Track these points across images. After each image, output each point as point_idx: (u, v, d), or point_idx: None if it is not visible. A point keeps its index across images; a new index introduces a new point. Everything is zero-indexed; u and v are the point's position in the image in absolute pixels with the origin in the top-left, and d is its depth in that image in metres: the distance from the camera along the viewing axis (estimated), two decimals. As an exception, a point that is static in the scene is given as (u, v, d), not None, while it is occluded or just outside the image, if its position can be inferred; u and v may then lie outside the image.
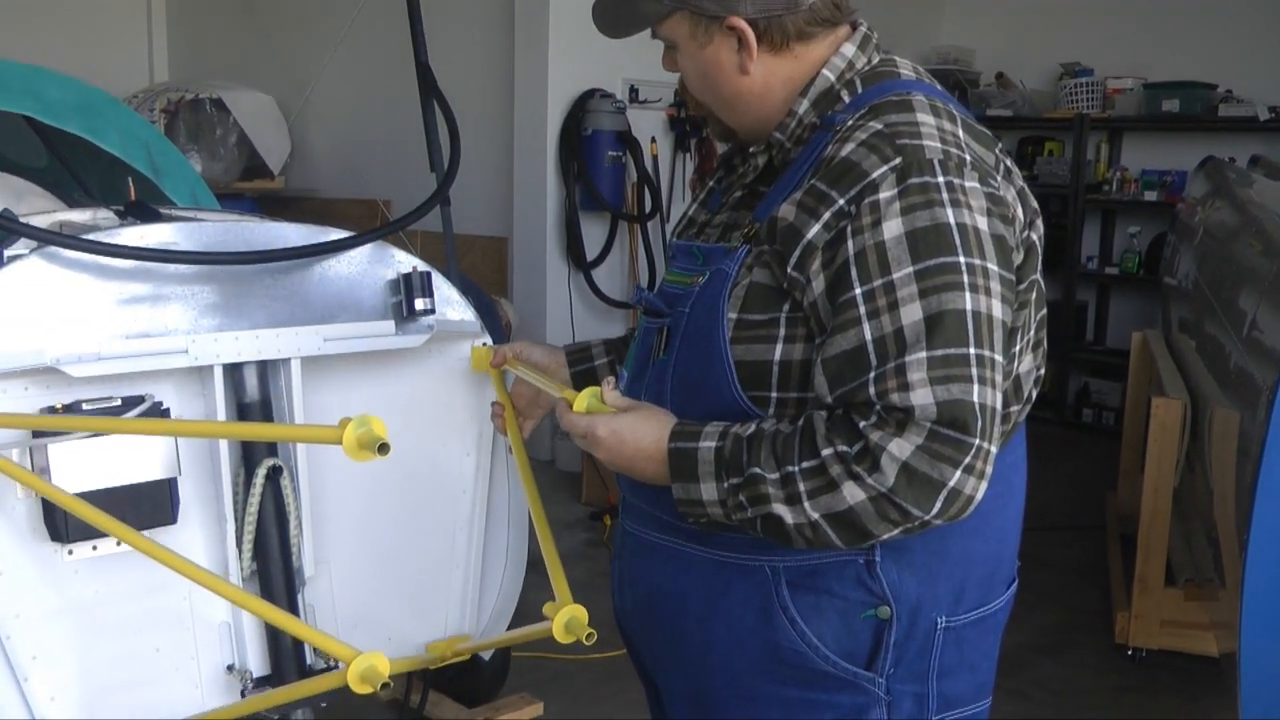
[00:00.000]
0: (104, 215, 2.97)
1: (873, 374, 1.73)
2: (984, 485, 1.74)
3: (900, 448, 1.70)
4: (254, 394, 2.56)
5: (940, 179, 1.77)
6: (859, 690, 1.94)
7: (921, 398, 1.70)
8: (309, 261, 2.69)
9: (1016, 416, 1.99)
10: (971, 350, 1.72)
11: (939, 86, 1.99)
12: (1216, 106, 8.19)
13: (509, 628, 3.11)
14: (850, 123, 1.87)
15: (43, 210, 3.14)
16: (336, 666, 2.63)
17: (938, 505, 1.72)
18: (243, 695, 2.53)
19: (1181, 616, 4.80)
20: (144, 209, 2.95)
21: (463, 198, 3.35)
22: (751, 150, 2.05)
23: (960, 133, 1.86)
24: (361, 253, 2.76)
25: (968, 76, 9.32)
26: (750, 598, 1.95)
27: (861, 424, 1.72)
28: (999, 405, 1.75)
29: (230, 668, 2.58)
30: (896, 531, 1.75)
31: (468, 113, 3.46)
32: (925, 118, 1.84)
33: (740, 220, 2.02)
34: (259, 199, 8.74)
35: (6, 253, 2.64)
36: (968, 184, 1.79)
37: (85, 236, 2.48)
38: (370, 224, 4.45)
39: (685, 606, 2.02)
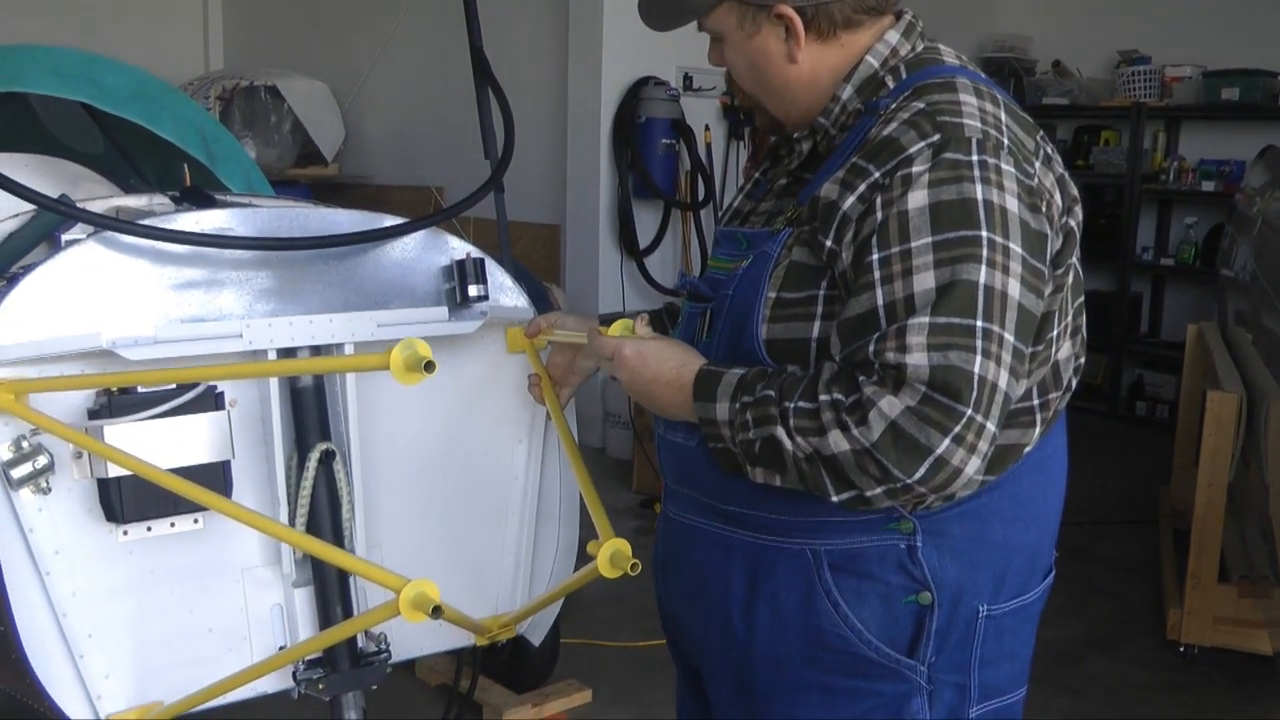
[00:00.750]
0: (160, 201, 2.99)
1: (875, 334, 1.73)
2: (975, 460, 1.71)
3: (890, 405, 1.69)
4: (308, 378, 2.57)
5: (975, 157, 1.77)
6: (901, 679, 1.95)
7: (916, 359, 1.69)
8: (363, 247, 2.71)
9: (1056, 404, 1.98)
10: (979, 323, 1.71)
11: (982, 74, 1.99)
12: (1277, 95, 8.07)
13: (558, 617, 3.12)
14: (894, 105, 1.88)
15: (99, 196, 3.17)
16: (385, 652, 2.65)
17: (921, 471, 1.70)
18: (295, 678, 2.55)
19: (1235, 614, 4.76)
20: (199, 195, 2.97)
21: (516, 185, 3.35)
22: (796, 137, 2.06)
23: (1002, 115, 1.86)
24: (415, 239, 2.77)
25: (1024, 64, 9.24)
26: (793, 580, 1.96)
27: (860, 378, 1.73)
28: (1003, 383, 1.72)
29: (282, 649, 2.59)
30: (879, 490, 1.74)
31: (521, 100, 3.46)
32: (968, 98, 1.85)
33: (784, 207, 2.04)
34: (313, 185, 8.79)
35: (64, 237, 2.67)
36: (1003, 166, 1.78)
37: (141, 221, 2.50)
38: (423, 211, 4.47)
39: (729, 591, 2.03)
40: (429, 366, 2.00)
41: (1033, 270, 1.78)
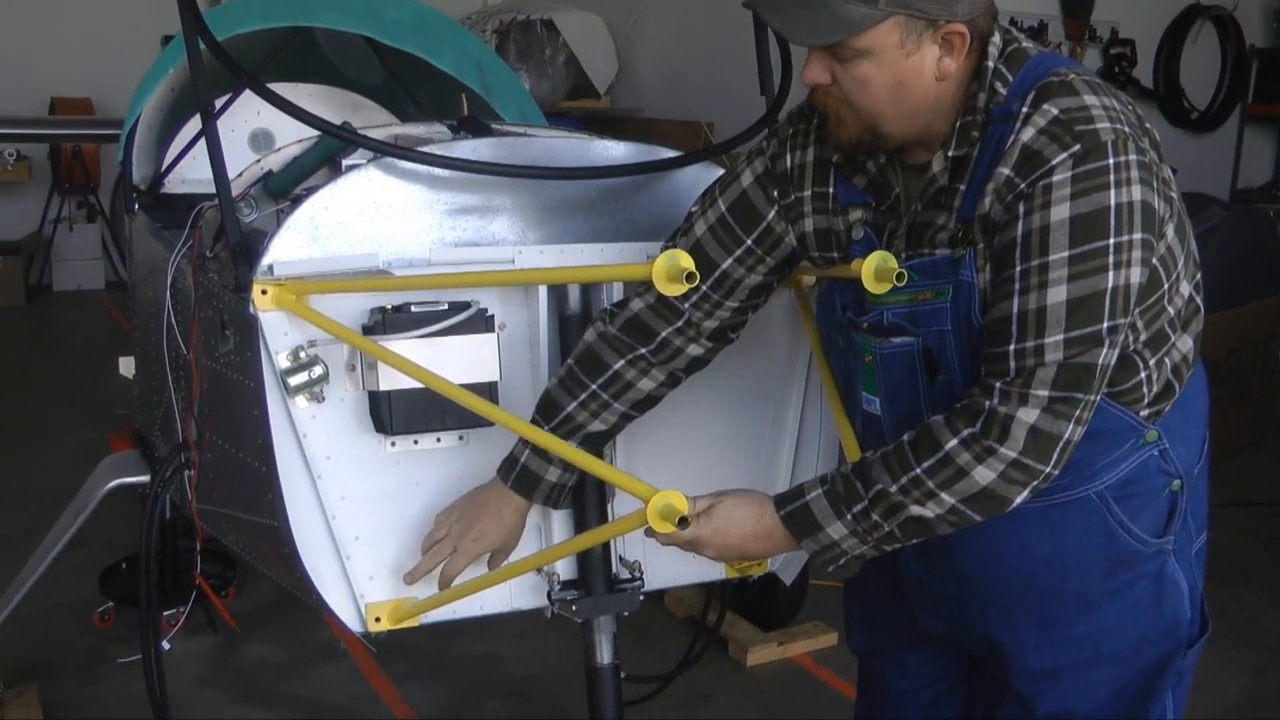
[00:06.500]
0: (437, 129, 3.06)
1: (1013, 346, 1.90)
2: (1081, 429, 1.94)
3: (1028, 413, 1.89)
4: (576, 306, 2.60)
5: (1111, 160, 1.86)
6: (1161, 553, 2.20)
7: (1050, 372, 1.88)
8: (635, 179, 2.73)
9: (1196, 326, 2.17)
10: (1105, 324, 1.89)
11: (1057, 54, 2.07)
12: None
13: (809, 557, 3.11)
14: (1026, 110, 1.93)
15: (378, 124, 3.26)
16: (639, 580, 2.68)
17: (1054, 456, 1.92)
18: (549, 597, 2.60)
19: None
20: (476, 124, 3.03)
21: (786, 123, 3.33)
22: (951, 154, 2.02)
23: (1115, 103, 1.94)
24: (687, 172, 2.78)
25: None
26: (1088, 523, 2.14)
27: (987, 402, 1.92)
28: (1112, 360, 1.93)
29: (539, 568, 2.64)
30: (1025, 492, 1.95)
31: (795, 36, 3.41)
32: (1090, 99, 1.91)
33: (934, 218, 2.06)
34: (584, 118, 8.89)
35: (345, 162, 2.76)
36: (1132, 158, 1.87)
37: (420, 149, 2.56)
38: (693, 145, 4.46)
39: (1028, 552, 2.17)
40: (690, 277, 2.05)
41: (1147, 245, 1.91)
